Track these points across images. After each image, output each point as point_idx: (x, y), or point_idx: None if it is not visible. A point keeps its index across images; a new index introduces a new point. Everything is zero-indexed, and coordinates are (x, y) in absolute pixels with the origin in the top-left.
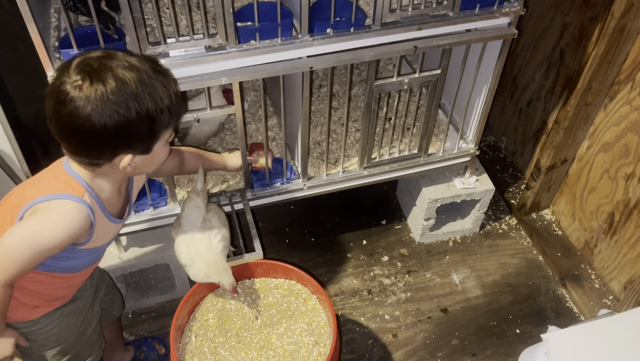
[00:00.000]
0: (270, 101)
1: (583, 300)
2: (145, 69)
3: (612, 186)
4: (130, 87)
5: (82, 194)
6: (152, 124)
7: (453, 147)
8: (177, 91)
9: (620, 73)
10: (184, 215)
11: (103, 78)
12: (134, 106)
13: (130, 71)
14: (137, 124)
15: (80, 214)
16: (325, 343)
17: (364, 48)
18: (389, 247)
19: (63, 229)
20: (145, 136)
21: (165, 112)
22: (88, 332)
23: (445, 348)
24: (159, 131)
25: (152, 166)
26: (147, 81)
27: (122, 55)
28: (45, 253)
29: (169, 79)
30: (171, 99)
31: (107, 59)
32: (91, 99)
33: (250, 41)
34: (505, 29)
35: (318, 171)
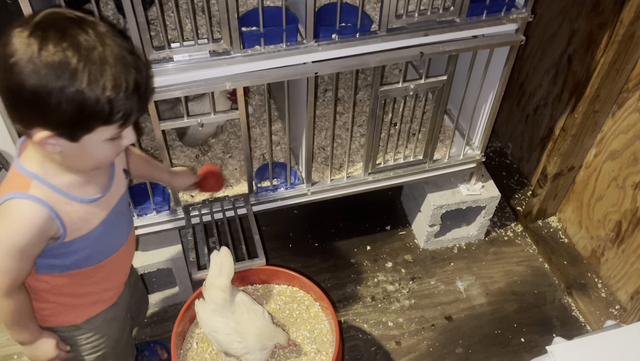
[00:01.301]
0: (275, 105)
1: (589, 309)
2: (108, 52)
3: (620, 194)
4: (70, 60)
5: (28, 187)
6: (79, 109)
7: (459, 154)
8: (136, 88)
9: (629, 81)
10: (214, 308)
11: (45, 37)
12: (63, 80)
13: (85, 46)
14: (57, 100)
15: (30, 209)
16: (328, 351)
17: (369, 54)
18: (393, 253)
19: (23, 229)
20: (68, 119)
21: (104, 105)
22: (123, 339)
23: (449, 357)
24: (90, 122)
25: (87, 161)
26: (98, 63)
27: (98, 29)
28: (25, 254)
29: (130, 74)
30: (118, 93)
31: (72, 22)
32: (19, 51)
33: (254, 46)
34: (512, 35)
35: (322, 176)
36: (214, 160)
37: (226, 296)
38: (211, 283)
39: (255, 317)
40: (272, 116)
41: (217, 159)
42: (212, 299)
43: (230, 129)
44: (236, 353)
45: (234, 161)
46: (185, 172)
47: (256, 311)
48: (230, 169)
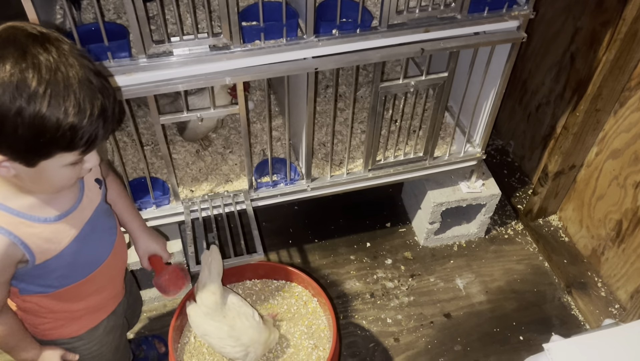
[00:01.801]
0: (277, 101)
1: (589, 308)
2: (72, 74)
3: (621, 193)
4: (29, 82)
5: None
6: (37, 135)
7: (459, 151)
8: (102, 113)
9: (631, 79)
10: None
11: (4, 55)
12: (20, 103)
13: (47, 66)
14: (12, 125)
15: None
16: (325, 346)
17: (370, 50)
18: (393, 250)
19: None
20: (24, 145)
21: (65, 131)
22: (121, 345)
23: (448, 354)
24: (49, 148)
25: (43, 185)
26: (59, 86)
27: (62, 47)
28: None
29: (96, 96)
30: (82, 118)
31: (33, 40)
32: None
33: (254, 41)
34: (514, 32)
35: (322, 172)
36: (214, 155)
37: (217, 299)
38: (203, 284)
39: (247, 322)
40: (273, 111)
41: (218, 154)
42: (203, 302)
43: (231, 124)
44: (230, 355)
45: (234, 156)
46: (157, 238)
47: (247, 314)
48: (231, 164)
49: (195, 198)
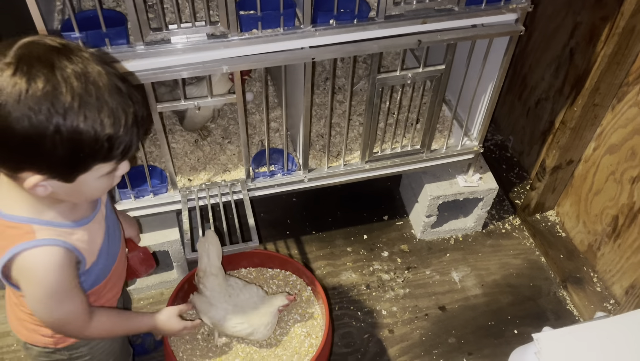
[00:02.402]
0: (276, 93)
1: (584, 303)
2: (102, 84)
3: (618, 189)
4: (64, 97)
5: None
6: (77, 150)
7: (457, 144)
8: (135, 120)
9: (629, 74)
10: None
11: (33, 73)
12: (57, 120)
13: (77, 78)
14: (51, 143)
15: (48, 253)
16: (317, 334)
17: (367, 40)
18: (390, 243)
19: (53, 275)
20: (64, 162)
21: (103, 143)
22: (126, 341)
23: (442, 346)
24: (88, 161)
25: (81, 198)
26: (93, 97)
27: (84, 56)
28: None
29: (128, 104)
30: (118, 129)
31: (58, 53)
32: (4, 91)
33: (252, 30)
34: (512, 25)
35: (320, 163)
36: (212, 145)
37: (220, 281)
38: (203, 270)
39: (250, 294)
40: (273, 103)
41: (216, 144)
42: (207, 287)
43: (230, 115)
44: (242, 334)
45: (232, 146)
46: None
47: (250, 288)
48: (229, 154)
49: (192, 187)
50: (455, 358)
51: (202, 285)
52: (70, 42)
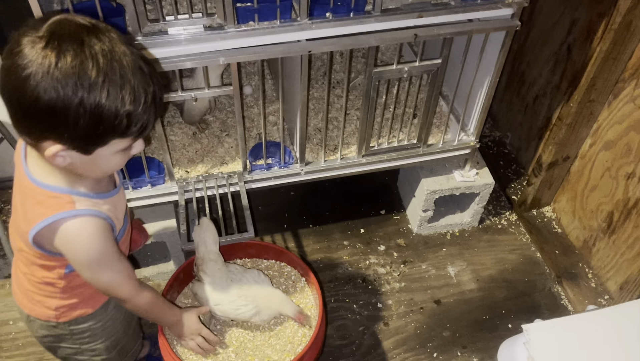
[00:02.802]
0: (275, 87)
1: (578, 298)
2: (126, 63)
3: (613, 185)
4: (90, 72)
5: (72, 205)
6: (97, 124)
7: (453, 139)
8: (153, 100)
9: (625, 70)
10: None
11: (63, 48)
12: (82, 94)
13: (104, 56)
14: (75, 115)
15: (88, 222)
16: (311, 324)
17: (363, 34)
18: (387, 237)
19: (96, 242)
20: (84, 134)
21: (122, 119)
22: (133, 322)
23: (436, 339)
24: (106, 135)
25: (96, 172)
26: (116, 75)
27: (112, 36)
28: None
29: (149, 83)
30: (137, 106)
31: (87, 31)
32: (35, 63)
33: (249, 22)
34: (508, 20)
35: (317, 157)
36: (210, 138)
37: (220, 266)
38: (201, 258)
39: (253, 277)
40: (272, 97)
41: (214, 136)
42: (207, 274)
43: (229, 108)
44: (245, 317)
45: (231, 139)
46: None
47: (251, 271)
48: (227, 147)
49: (190, 178)
50: (450, 351)
51: (202, 272)
52: (100, 22)
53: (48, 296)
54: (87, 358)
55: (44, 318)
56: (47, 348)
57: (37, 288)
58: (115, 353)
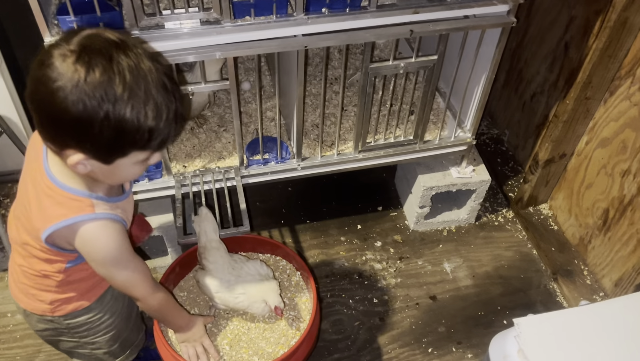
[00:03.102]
0: (273, 82)
1: (573, 295)
2: (151, 79)
3: (609, 182)
4: (116, 88)
5: (92, 208)
6: (119, 137)
7: (450, 136)
8: (175, 116)
9: (622, 68)
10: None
11: (92, 63)
12: (107, 107)
13: (130, 72)
14: (99, 128)
15: (106, 225)
16: (305, 318)
17: (359, 29)
18: (383, 233)
19: (113, 243)
20: (106, 145)
21: (144, 133)
22: (133, 314)
23: (431, 335)
24: (127, 148)
25: (114, 180)
26: (141, 91)
27: (139, 52)
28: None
29: (171, 100)
30: (159, 122)
31: (116, 48)
32: (65, 76)
33: (245, 17)
34: (504, 17)
35: (313, 152)
36: (208, 133)
37: (222, 253)
38: (203, 246)
39: (255, 268)
40: (270, 93)
41: (212, 132)
42: (209, 261)
43: (227, 104)
44: (242, 306)
45: (228, 134)
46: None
47: (254, 262)
48: (224, 142)
49: (187, 173)
50: (445, 347)
51: (205, 260)
52: (128, 37)
53: (43, 290)
54: (89, 352)
55: (39, 313)
56: (48, 341)
57: (33, 281)
58: (117, 346)
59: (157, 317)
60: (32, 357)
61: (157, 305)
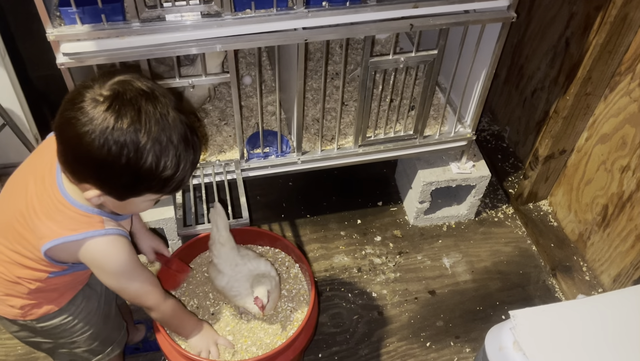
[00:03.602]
0: (274, 77)
1: (572, 291)
2: (174, 132)
3: (608, 178)
4: (141, 137)
5: (102, 225)
6: (137, 181)
7: (450, 131)
8: (191, 166)
9: (622, 64)
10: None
11: (122, 113)
12: (131, 156)
13: (157, 124)
14: (120, 171)
15: (116, 241)
16: (303, 310)
17: (359, 23)
18: (383, 228)
19: (121, 257)
20: (123, 186)
21: (159, 181)
22: (111, 313)
23: (430, 329)
24: (142, 191)
25: (123, 212)
26: (164, 144)
27: (165, 104)
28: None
29: (189, 155)
30: (175, 173)
31: (146, 98)
32: (95, 122)
33: (245, 9)
34: (504, 12)
35: (314, 146)
36: (209, 126)
37: (227, 250)
38: (213, 240)
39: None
40: (271, 87)
41: (213, 125)
42: (215, 255)
43: (228, 97)
44: (240, 303)
45: (229, 128)
46: (156, 237)
47: (258, 261)
48: (225, 135)
49: None
50: (443, 341)
51: (212, 253)
52: (158, 87)
53: (13, 296)
54: (68, 351)
55: (10, 317)
56: (26, 343)
57: (4, 286)
58: (97, 344)
59: (170, 324)
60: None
61: (170, 312)
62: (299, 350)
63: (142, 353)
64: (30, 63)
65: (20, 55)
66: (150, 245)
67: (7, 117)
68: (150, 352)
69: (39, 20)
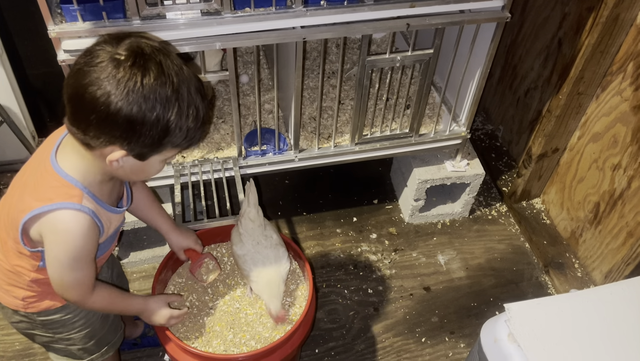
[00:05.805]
0: (271, 75)
1: (564, 287)
2: (190, 84)
3: (600, 176)
4: (166, 90)
5: (80, 199)
6: (163, 135)
7: (445, 129)
8: (206, 119)
9: (613, 64)
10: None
11: (147, 67)
12: (159, 109)
13: (177, 76)
14: (149, 127)
15: (85, 220)
16: (301, 304)
17: (356, 22)
18: (379, 225)
19: (81, 240)
20: (150, 143)
21: (182, 132)
22: (111, 315)
23: (425, 325)
24: (166, 145)
25: (139, 176)
26: (185, 94)
27: (177, 58)
28: (87, 259)
29: (204, 105)
30: (195, 124)
31: (161, 53)
32: (122, 80)
33: (245, 8)
34: (498, 12)
35: (311, 144)
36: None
37: (254, 226)
38: (243, 211)
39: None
40: (269, 86)
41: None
42: (242, 226)
43: (225, 96)
44: (243, 273)
45: (226, 126)
46: (187, 234)
47: (277, 249)
48: (222, 133)
49: (185, 162)
50: (437, 337)
51: (239, 222)
52: (164, 44)
53: (15, 286)
54: (64, 347)
55: (12, 307)
56: (24, 334)
57: (6, 276)
58: (92, 344)
59: (111, 312)
60: (30, 344)
61: (100, 304)
62: (297, 344)
63: (140, 349)
64: (27, 60)
65: (17, 53)
66: (181, 245)
67: (5, 115)
68: (148, 347)
69: (36, 18)
